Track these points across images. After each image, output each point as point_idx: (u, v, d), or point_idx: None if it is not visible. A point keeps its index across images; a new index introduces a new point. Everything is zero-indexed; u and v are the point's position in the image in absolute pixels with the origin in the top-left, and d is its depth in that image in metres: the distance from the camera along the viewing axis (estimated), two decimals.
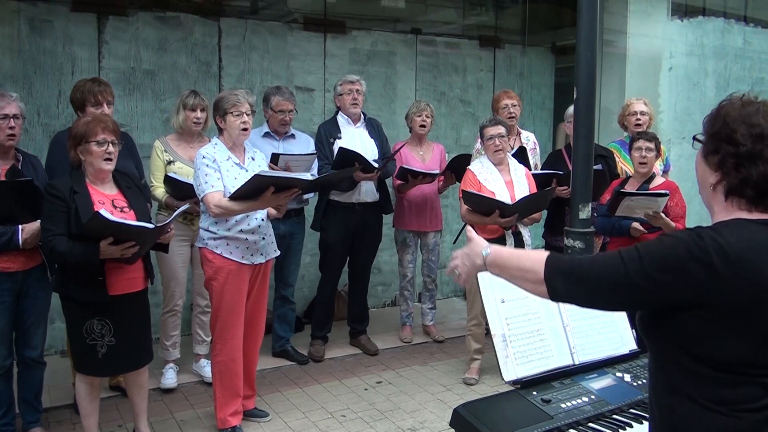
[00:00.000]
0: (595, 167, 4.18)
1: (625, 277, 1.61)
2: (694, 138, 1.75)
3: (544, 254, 1.77)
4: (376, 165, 4.87)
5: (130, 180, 3.68)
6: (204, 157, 3.76)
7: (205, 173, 3.73)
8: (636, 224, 4.29)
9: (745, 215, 1.64)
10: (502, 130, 4.68)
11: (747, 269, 1.54)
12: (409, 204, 5.48)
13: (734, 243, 1.55)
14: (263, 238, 3.93)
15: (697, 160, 1.74)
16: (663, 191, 4.20)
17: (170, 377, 4.60)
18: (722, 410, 1.59)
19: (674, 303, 1.60)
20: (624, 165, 5.15)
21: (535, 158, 5.56)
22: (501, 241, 4.64)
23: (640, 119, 5.20)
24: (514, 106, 5.42)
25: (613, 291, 1.65)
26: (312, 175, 4.58)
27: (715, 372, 1.59)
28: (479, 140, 5.06)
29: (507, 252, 1.91)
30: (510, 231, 4.66)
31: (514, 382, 2.39)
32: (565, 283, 1.71)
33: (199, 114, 4.46)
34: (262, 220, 3.91)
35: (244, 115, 3.80)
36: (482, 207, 4.56)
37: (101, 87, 4.04)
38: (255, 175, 3.59)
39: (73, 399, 3.97)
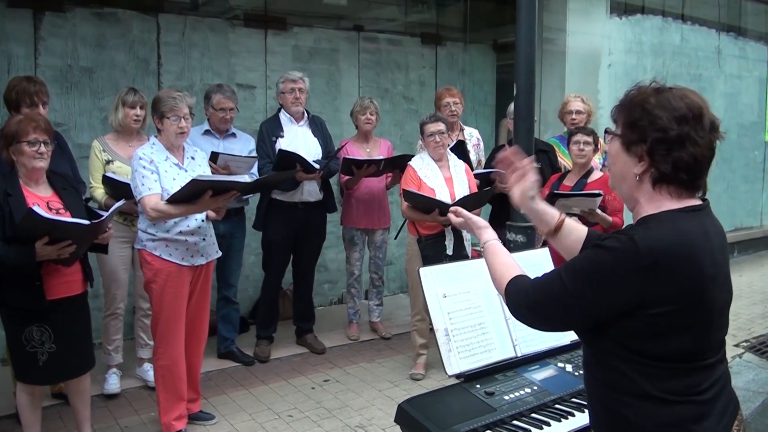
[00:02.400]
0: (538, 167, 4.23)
1: (568, 298, 1.66)
2: (607, 131, 1.76)
3: (507, 278, 1.88)
4: (317, 166, 4.85)
5: (66, 181, 3.59)
6: (141, 158, 3.67)
7: (142, 175, 3.64)
8: (574, 218, 4.35)
9: (673, 204, 1.66)
10: (442, 126, 4.73)
11: (685, 264, 1.58)
12: (357, 202, 5.47)
13: (669, 240, 1.58)
14: (204, 239, 3.86)
15: (613, 152, 1.73)
16: (596, 191, 4.27)
17: (113, 382, 4.50)
18: (676, 399, 1.63)
19: (618, 312, 1.62)
20: (563, 160, 5.24)
21: (478, 154, 5.61)
22: (441, 237, 4.71)
23: (575, 118, 5.31)
24: (456, 103, 5.48)
25: (561, 314, 1.72)
26: (250, 176, 4.55)
27: (663, 364, 1.63)
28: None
29: (491, 259, 2.01)
30: (449, 227, 4.71)
31: (457, 376, 2.41)
32: (519, 314, 1.81)
33: (138, 111, 4.38)
34: (202, 221, 3.84)
35: (182, 120, 3.70)
36: (422, 205, 4.61)
37: (36, 87, 3.95)
38: (192, 179, 3.53)
39: (14, 409, 3.84)
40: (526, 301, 1.77)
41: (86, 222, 3.28)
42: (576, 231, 2.06)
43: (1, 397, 4.26)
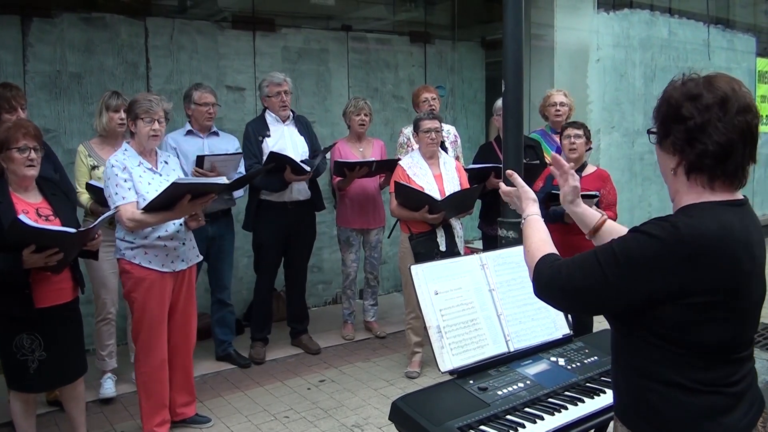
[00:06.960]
0: (533, 162, 4.27)
1: (604, 282, 1.63)
2: (648, 131, 1.76)
3: (540, 254, 1.86)
4: (307, 168, 4.84)
5: (56, 187, 3.57)
6: (113, 166, 3.63)
7: (115, 183, 3.61)
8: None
9: (712, 197, 1.64)
10: (438, 124, 4.74)
11: (725, 257, 1.57)
12: (352, 202, 5.46)
13: (712, 232, 1.56)
14: (183, 244, 3.83)
15: (656, 153, 1.74)
16: (594, 192, 4.26)
17: (108, 387, 4.49)
18: (704, 389, 1.62)
19: (654, 299, 1.59)
20: (545, 155, 5.26)
21: (456, 151, 5.61)
22: (432, 234, 4.71)
23: (559, 110, 5.38)
24: (434, 99, 5.56)
25: (593, 296, 1.68)
26: (229, 177, 4.57)
27: (695, 354, 1.62)
28: (402, 134, 5.10)
29: (528, 232, 2.03)
30: (440, 225, 4.72)
31: (451, 372, 2.42)
32: (547, 292, 1.78)
33: (123, 115, 4.29)
34: (180, 224, 3.80)
35: (156, 122, 3.69)
36: (412, 201, 4.61)
37: (12, 91, 3.95)
38: (173, 183, 3.50)
39: (9, 417, 3.83)
40: (558, 279, 1.73)
41: (73, 230, 3.27)
42: (617, 230, 2.05)
43: None
